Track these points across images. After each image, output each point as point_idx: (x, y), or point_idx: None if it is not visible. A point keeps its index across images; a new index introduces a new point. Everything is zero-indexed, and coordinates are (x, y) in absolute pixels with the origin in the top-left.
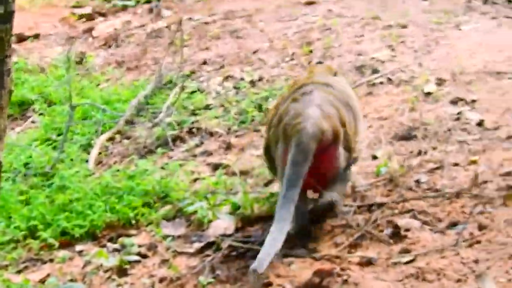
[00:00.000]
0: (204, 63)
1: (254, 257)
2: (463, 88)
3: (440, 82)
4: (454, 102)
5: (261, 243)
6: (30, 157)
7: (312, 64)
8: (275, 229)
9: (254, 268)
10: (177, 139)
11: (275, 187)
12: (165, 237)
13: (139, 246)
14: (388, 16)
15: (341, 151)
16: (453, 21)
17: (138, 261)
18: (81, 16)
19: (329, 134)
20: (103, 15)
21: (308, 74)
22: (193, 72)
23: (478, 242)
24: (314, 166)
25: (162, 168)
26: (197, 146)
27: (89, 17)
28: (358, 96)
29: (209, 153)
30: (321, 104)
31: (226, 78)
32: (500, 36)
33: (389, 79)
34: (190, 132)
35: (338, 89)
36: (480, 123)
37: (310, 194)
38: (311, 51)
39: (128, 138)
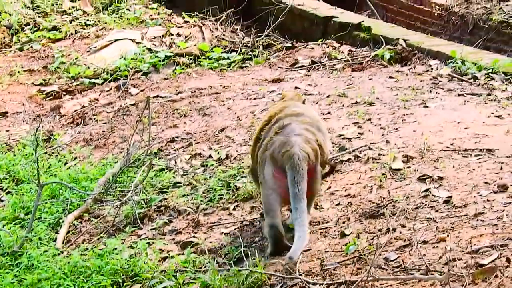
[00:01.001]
0: (172, 140)
1: None
2: (431, 166)
3: (407, 159)
4: (421, 179)
5: None
6: None
7: (284, 91)
8: (299, 230)
9: (290, 256)
10: (145, 217)
11: (245, 265)
12: None
13: None
14: (355, 93)
15: (318, 168)
16: (419, 98)
17: None
18: (48, 94)
19: (312, 155)
20: (70, 93)
21: (281, 102)
22: (161, 150)
23: None
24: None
25: (131, 246)
26: (165, 224)
27: (56, 95)
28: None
29: (177, 231)
30: (300, 133)
31: (194, 155)
32: (466, 113)
33: (357, 157)
34: (158, 210)
35: (308, 116)
36: (448, 201)
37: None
38: None
39: (96, 216)
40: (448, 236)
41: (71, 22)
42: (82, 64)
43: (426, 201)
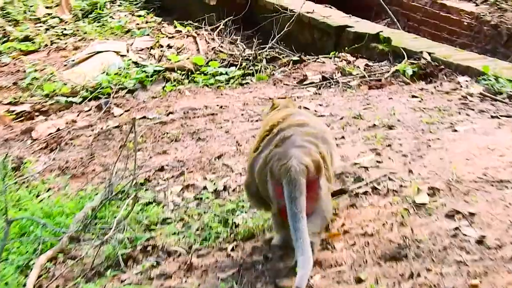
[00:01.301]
0: (161, 169)
1: None
2: (460, 199)
3: (433, 192)
4: (450, 215)
5: None
6: None
7: (275, 99)
8: (302, 253)
9: (297, 285)
10: (129, 259)
11: None
12: None
13: None
14: (372, 115)
15: (323, 182)
16: (447, 120)
17: None
18: (18, 115)
19: (313, 168)
20: (44, 113)
21: (284, 110)
22: (148, 180)
23: None
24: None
25: None
26: (153, 267)
27: (28, 116)
28: (338, 208)
29: (167, 276)
30: (301, 144)
31: (187, 187)
32: (501, 138)
33: (375, 189)
34: (144, 250)
35: (312, 125)
36: (480, 241)
37: None
38: None
39: (73, 258)
40: (481, 282)
41: (46, 32)
42: (58, 80)
43: (455, 241)
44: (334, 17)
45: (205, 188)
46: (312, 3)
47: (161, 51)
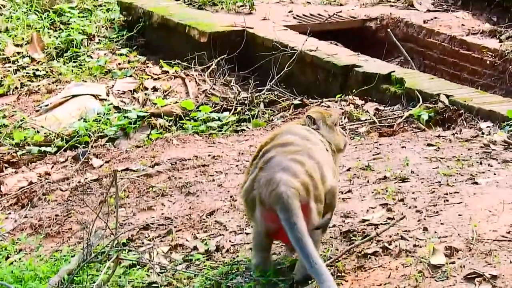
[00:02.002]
0: (146, 227)
1: None
2: (481, 260)
3: (451, 252)
4: (469, 278)
5: None
6: None
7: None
8: (324, 282)
9: None
10: None
11: None
12: None
13: None
14: (383, 166)
15: (313, 205)
16: (467, 172)
17: None
18: None
19: (303, 191)
20: (14, 165)
21: (277, 129)
22: (131, 240)
23: None
24: None
25: None
26: None
27: None
28: (345, 270)
29: None
30: (286, 166)
31: (175, 247)
32: None
33: (386, 248)
34: None
35: (298, 143)
36: None
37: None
38: None
39: None
40: None
41: (15, 73)
42: (30, 128)
43: None
44: (341, 55)
45: (195, 248)
46: (316, 40)
47: (146, 94)
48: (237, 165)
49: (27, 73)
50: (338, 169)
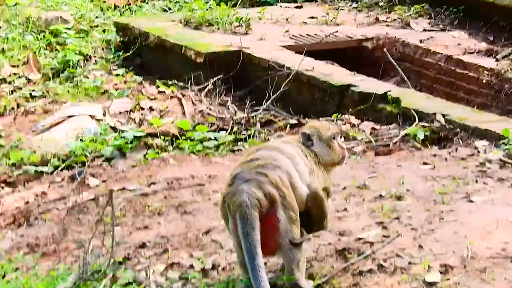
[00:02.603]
0: (142, 246)
1: None
2: (476, 278)
3: (446, 269)
4: None
5: None
6: None
7: None
8: None
9: None
10: None
11: None
12: None
13: None
14: (378, 184)
15: (281, 214)
16: (462, 190)
17: None
18: None
19: (265, 201)
20: (10, 185)
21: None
22: (127, 259)
23: None
24: (261, 232)
25: None
26: None
27: None
28: (340, 287)
29: None
30: (249, 178)
31: (171, 265)
32: None
33: (381, 266)
34: None
35: (265, 157)
36: None
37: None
38: None
39: None
40: None
41: (12, 93)
42: (26, 148)
43: None
44: (337, 75)
45: (191, 266)
46: (312, 60)
47: (142, 114)
48: None
49: (23, 93)
50: (331, 181)
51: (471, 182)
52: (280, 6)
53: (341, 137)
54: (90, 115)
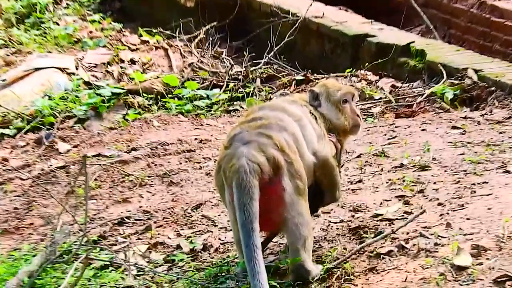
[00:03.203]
0: (121, 223)
1: None
2: None
3: (478, 251)
4: (500, 281)
5: None
6: None
7: None
8: (252, 280)
9: None
10: None
11: None
12: None
13: None
14: (400, 151)
15: (286, 182)
16: (498, 159)
17: None
18: None
19: (267, 167)
20: None
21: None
22: (103, 237)
23: None
24: (262, 204)
25: None
26: None
27: None
28: (354, 272)
29: None
30: (250, 140)
31: (154, 245)
32: None
33: (402, 247)
34: None
35: (268, 116)
36: None
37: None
38: None
39: None
40: None
41: None
42: None
43: None
44: (351, 23)
45: (178, 247)
46: (322, 5)
47: (122, 67)
48: None
49: None
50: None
51: (508, 150)
52: None
53: (357, 101)
54: (60, 68)
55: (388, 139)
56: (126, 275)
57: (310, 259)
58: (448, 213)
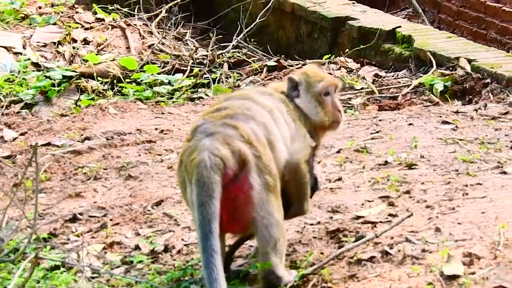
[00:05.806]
0: (73, 219)
1: None
2: (510, 271)
3: (470, 259)
4: None
5: None
6: None
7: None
8: None
9: None
10: None
11: None
12: None
13: None
14: (384, 148)
15: (254, 178)
16: (493, 158)
17: None
18: None
19: (232, 161)
20: None
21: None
22: (54, 235)
23: None
24: (227, 203)
25: None
26: None
27: None
28: (332, 279)
29: None
30: (213, 131)
31: (110, 245)
32: None
33: (386, 253)
34: None
35: (234, 106)
36: None
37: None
38: None
39: None
40: None
41: None
42: None
43: None
44: (330, 4)
45: (137, 247)
46: None
47: (74, 48)
48: None
49: None
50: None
51: (504, 148)
52: None
53: (341, 94)
54: (5, 47)
55: (371, 133)
56: (79, 277)
57: (282, 264)
58: (437, 217)
